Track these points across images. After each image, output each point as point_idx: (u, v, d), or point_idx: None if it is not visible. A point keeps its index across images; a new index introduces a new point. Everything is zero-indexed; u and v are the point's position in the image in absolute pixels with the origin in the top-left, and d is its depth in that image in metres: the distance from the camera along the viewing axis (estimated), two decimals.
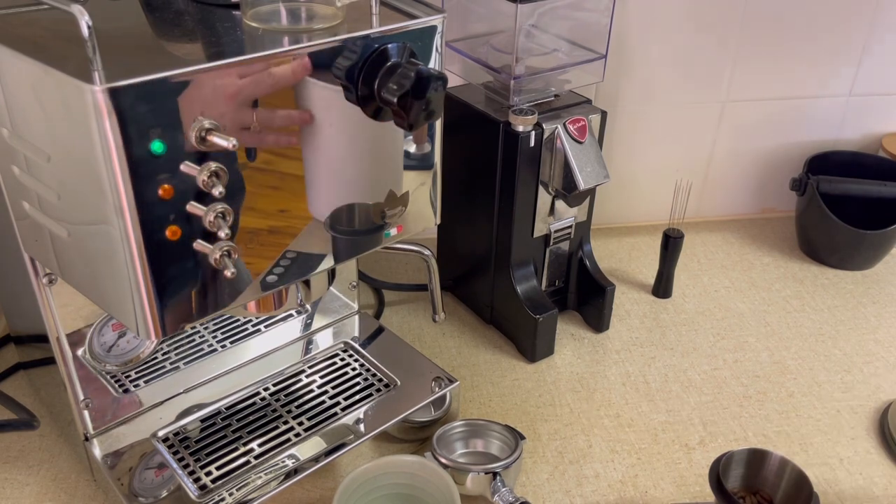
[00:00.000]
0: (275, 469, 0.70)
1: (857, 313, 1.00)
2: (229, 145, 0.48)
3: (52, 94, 0.48)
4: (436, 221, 0.68)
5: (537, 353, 0.91)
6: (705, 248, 1.13)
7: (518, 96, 0.84)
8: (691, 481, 0.76)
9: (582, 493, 0.75)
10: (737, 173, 1.16)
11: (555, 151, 0.83)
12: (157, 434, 0.74)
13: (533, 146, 0.83)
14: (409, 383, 0.80)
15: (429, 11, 0.59)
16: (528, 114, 0.81)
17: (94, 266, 0.54)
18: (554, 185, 0.85)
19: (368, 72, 0.55)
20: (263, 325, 0.84)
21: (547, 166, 0.84)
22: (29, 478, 0.75)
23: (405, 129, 0.56)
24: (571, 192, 0.84)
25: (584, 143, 0.83)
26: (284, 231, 0.57)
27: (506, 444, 0.76)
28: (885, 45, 1.08)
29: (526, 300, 0.89)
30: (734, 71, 1.07)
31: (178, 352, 0.79)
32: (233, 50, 0.51)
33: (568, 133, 0.82)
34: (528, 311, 0.88)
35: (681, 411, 0.84)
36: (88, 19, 0.45)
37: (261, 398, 0.79)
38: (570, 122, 0.83)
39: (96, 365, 0.71)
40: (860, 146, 1.16)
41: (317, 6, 0.56)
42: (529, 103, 0.85)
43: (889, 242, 1.06)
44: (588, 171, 0.83)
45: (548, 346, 0.91)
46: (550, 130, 0.83)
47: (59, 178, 0.52)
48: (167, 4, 0.59)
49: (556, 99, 0.87)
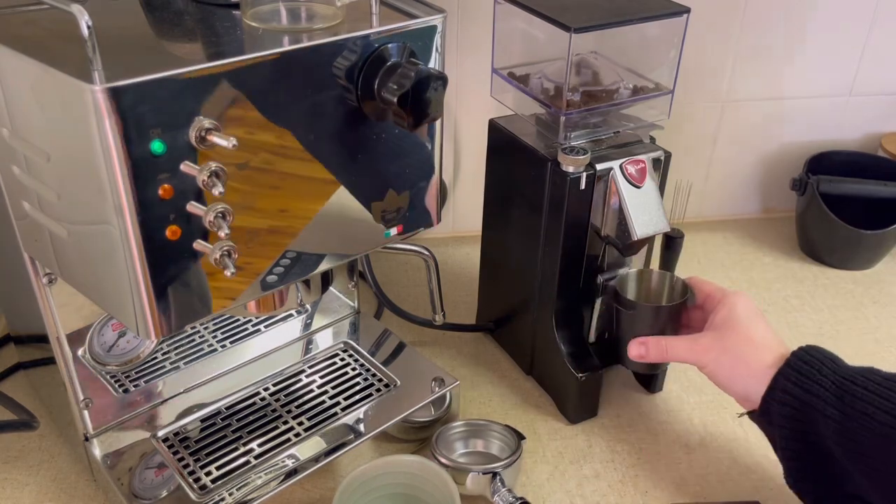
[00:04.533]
0: (275, 469, 0.70)
1: (857, 313, 1.00)
2: (229, 145, 0.48)
3: (51, 94, 0.48)
4: (436, 222, 0.68)
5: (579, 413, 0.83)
6: (705, 248, 1.13)
7: (571, 131, 0.76)
8: (691, 481, 0.76)
9: (582, 493, 0.75)
10: (737, 173, 1.16)
11: (608, 195, 0.75)
12: (157, 434, 0.74)
13: (584, 189, 0.74)
14: (409, 383, 0.80)
15: (429, 11, 0.59)
16: (580, 153, 0.73)
17: (93, 266, 0.54)
18: (605, 231, 0.77)
19: (368, 72, 0.55)
20: (263, 325, 0.84)
21: (599, 211, 0.76)
22: (29, 478, 0.75)
23: (405, 130, 0.56)
24: (625, 241, 0.76)
25: (642, 187, 0.75)
26: (284, 231, 0.57)
27: (506, 444, 0.76)
28: (885, 45, 1.08)
29: (569, 355, 0.81)
30: (734, 71, 1.07)
31: (178, 352, 0.79)
32: (233, 50, 0.51)
33: (625, 176, 0.74)
34: (571, 367, 0.80)
35: (681, 411, 0.84)
36: (88, 19, 0.45)
37: (261, 398, 0.79)
38: (627, 163, 0.75)
39: (96, 365, 0.71)
40: (860, 146, 1.16)
41: (317, 6, 0.56)
42: (584, 140, 0.76)
43: (889, 242, 1.06)
44: (644, 219, 0.75)
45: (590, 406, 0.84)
46: (604, 171, 0.74)
47: (59, 177, 0.52)
48: (167, 4, 0.59)
49: (614, 135, 0.78)
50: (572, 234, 0.77)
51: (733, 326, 0.70)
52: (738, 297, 0.73)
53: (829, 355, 0.66)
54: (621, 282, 0.80)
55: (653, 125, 0.80)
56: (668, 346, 0.74)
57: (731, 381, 0.69)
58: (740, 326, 0.70)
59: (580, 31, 0.70)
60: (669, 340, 0.74)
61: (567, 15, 0.72)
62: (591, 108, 0.77)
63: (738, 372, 0.68)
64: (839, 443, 0.62)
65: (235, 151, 0.51)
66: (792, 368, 0.65)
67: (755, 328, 0.70)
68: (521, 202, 0.81)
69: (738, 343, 0.69)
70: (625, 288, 0.80)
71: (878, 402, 0.60)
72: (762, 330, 0.70)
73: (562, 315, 0.82)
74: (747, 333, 0.69)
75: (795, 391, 0.64)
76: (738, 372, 0.69)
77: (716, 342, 0.70)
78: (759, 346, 0.68)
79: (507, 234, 0.86)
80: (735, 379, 0.69)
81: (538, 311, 0.84)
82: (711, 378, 0.71)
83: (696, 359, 0.71)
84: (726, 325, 0.71)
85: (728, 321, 0.71)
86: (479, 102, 0.99)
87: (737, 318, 0.71)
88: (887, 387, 0.61)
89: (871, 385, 0.61)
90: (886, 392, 0.61)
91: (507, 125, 0.82)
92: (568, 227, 0.76)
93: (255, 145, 0.52)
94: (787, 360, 0.66)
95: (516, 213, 0.83)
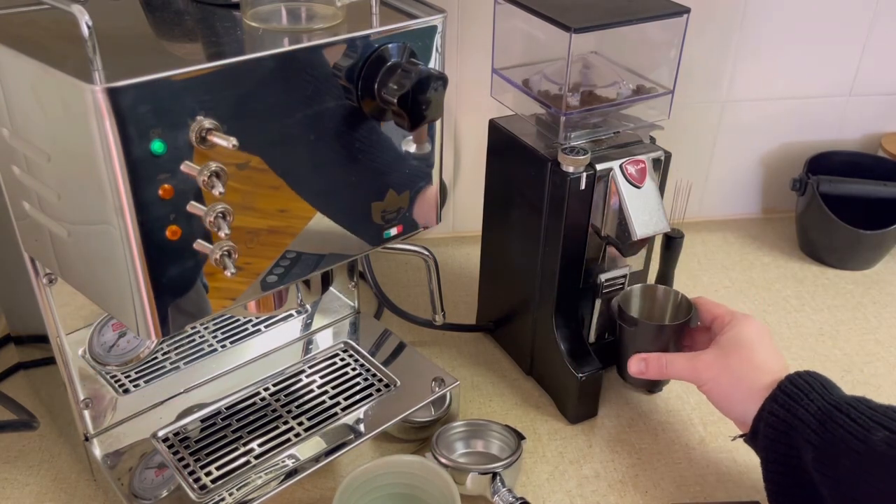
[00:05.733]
0: (275, 469, 0.70)
1: (857, 313, 1.00)
2: (229, 145, 0.48)
3: (52, 94, 0.48)
4: (436, 222, 0.68)
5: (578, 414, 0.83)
6: (705, 248, 1.13)
7: (571, 131, 0.76)
8: (691, 481, 0.76)
9: (582, 493, 0.75)
10: (737, 173, 1.16)
11: (608, 195, 0.75)
12: (157, 434, 0.74)
13: (584, 189, 0.74)
14: (409, 383, 0.80)
15: (429, 11, 0.59)
16: (580, 153, 0.73)
17: (94, 266, 0.54)
18: (606, 231, 0.77)
19: (368, 72, 0.55)
20: (263, 325, 0.84)
21: (599, 211, 0.76)
22: (29, 478, 0.75)
23: (405, 130, 0.56)
24: (625, 241, 0.76)
25: (642, 187, 0.75)
26: (284, 231, 0.57)
27: (506, 444, 0.76)
28: (885, 45, 1.08)
29: (568, 355, 0.81)
30: (734, 71, 1.07)
31: (178, 352, 0.79)
32: (233, 50, 0.51)
33: (625, 176, 0.74)
34: (570, 367, 0.80)
35: (681, 411, 0.84)
36: (88, 19, 0.45)
37: (261, 398, 0.79)
38: (627, 163, 0.75)
39: (96, 365, 0.71)
40: (860, 146, 1.16)
41: (317, 6, 0.56)
42: (584, 140, 0.76)
43: (889, 242, 1.06)
44: (644, 219, 0.75)
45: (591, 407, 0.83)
46: (604, 171, 0.74)
47: (59, 178, 0.52)
48: (167, 4, 0.59)
49: (614, 135, 0.78)
50: (572, 234, 0.77)
51: (736, 347, 0.70)
52: (746, 320, 0.72)
53: (822, 381, 0.65)
54: (625, 298, 0.79)
55: (653, 125, 0.80)
56: (667, 362, 0.74)
57: (728, 401, 0.69)
58: (743, 348, 0.69)
59: (580, 31, 0.70)
60: (669, 357, 0.74)
61: (567, 15, 0.71)
62: (591, 108, 0.77)
63: (736, 393, 0.68)
64: (817, 469, 0.62)
65: (235, 151, 0.51)
66: (782, 392, 0.65)
67: (758, 351, 0.69)
68: (521, 202, 0.81)
69: (740, 364, 0.69)
70: (629, 304, 0.80)
71: (856, 431, 0.60)
72: (764, 353, 0.69)
73: (562, 315, 0.82)
74: (749, 355, 0.69)
75: (782, 414, 0.64)
76: (735, 393, 0.68)
77: (717, 360, 0.70)
78: (760, 368, 0.68)
79: (507, 234, 0.86)
80: (732, 400, 0.69)
81: (538, 311, 0.84)
82: (709, 397, 0.71)
83: (696, 376, 0.71)
84: (730, 344, 0.70)
85: (732, 341, 0.70)
86: (479, 102, 0.99)
87: (741, 340, 0.70)
88: (870, 416, 0.60)
89: (853, 413, 0.61)
90: (867, 422, 0.60)
91: (507, 125, 0.82)
92: (568, 227, 0.76)
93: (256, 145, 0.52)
94: (780, 383, 0.65)
95: (516, 213, 0.83)
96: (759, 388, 0.66)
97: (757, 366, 0.68)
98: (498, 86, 0.83)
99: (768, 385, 0.66)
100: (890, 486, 0.58)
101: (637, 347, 0.77)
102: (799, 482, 0.64)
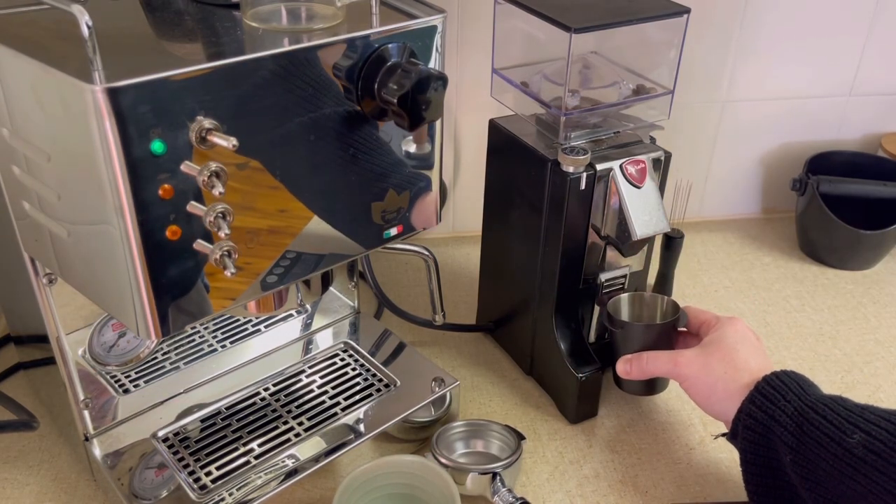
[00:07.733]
0: (275, 469, 0.70)
1: (857, 313, 1.00)
2: (229, 145, 0.48)
3: (51, 94, 0.48)
4: (436, 222, 0.68)
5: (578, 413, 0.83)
6: (705, 248, 1.13)
7: (571, 131, 0.76)
8: (691, 481, 0.76)
9: (582, 493, 0.75)
10: (737, 173, 1.16)
11: (608, 195, 0.75)
12: (157, 434, 0.74)
13: (584, 189, 0.74)
14: (409, 383, 0.80)
15: (429, 11, 0.59)
16: (580, 153, 0.73)
17: (94, 266, 0.54)
18: (606, 231, 0.77)
19: (368, 72, 0.55)
20: (263, 325, 0.84)
21: (599, 211, 0.76)
22: (29, 478, 0.75)
23: (405, 130, 0.56)
24: (625, 241, 0.76)
25: (642, 187, 0.75)
26: (284, 231, 0.57)
27: (506, 444, 0.76)
28: (885, 45, 1.08)
29: (568, 355, 0.81)
30: (734, 71, 1.07)
31: (178, 352, 0.79)
32: (233, 50, 0.51)
33: (625, 176, 0.74)
34: (570, 367, 0.80)
35: (681, 411, 0.84)
36: (88, 19, 0.45)
37: (261, 398, 0.79)
38: (627, 163, 0.74)
39: (96, 365, 0.71)
40: (860, 146, 1.16)
41: (317, 6, 0.56)
42: (584, 140, 0.76)
43: (889, 242, 1.06)
44: (644, 219, 0.75)
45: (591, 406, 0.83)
46: (604, 171, 0.74)
47: (59, 178, 0.52)
48: (167, 4, 0.59)
49: (614, 135, 0.78)
50: (572, 234, 0.77)
51: (718, 347, 0.70)
52: (731, 322, 0.73)
53: (799, 381, 0.65)
54: (614, 305, 0.80)
55: (653, 125, 0.80)
56: (649, 359, 0.74)
57: (708, 400, 0.70)
58: (725, 348, 0.70)
59: (580, 31, 0.70)
60: (652, 354, 0.74)
61: (567, 15, 0.71)
62: (592, 108, 0.77)
63: (716, 392, 0.69)
64: (795, 471, 0.62)
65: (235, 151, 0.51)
66: (759, 392, 0.65)
67: (740, 351, 0.70)
68: (522, 202, 0.81)
69: (720, 363, 0.69)
70: (618, 311, 0.80)
71: (832, 432, 0.60)
72: (746, 353, 0.70)
73: (562, 315, 0.82)
74: (730, 355, 0.69)
75: (759, 415, 0.64)
76: (715, 392, 0.69)
77: (697, 358, 0.71)
78: (739, 368, 0.68)
79: (507, 235, 0.86)
80: (712, 399, 0.69)
81: (538, 311, 0.84)
82: (690, 395, 0.71)
83: (677, 372, 0.72)
84: (712, 344, 0.71)
85: (715, 341, 0.71)
86: (479, 102, 0.99)
87: (723, 340, 0.71)
88: (846, 417, 0.61)
89: (830, 415, 0.61)
90: (843, 424, 0.60)
91: (507, 125, 0.82)
92: (568, 227, 0.76)
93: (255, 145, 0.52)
94: (757, 383, 0.66)
95: (516, 213, 0.83)
96: (738, 387, 0.67)
97: (736, 365, 0.69)
98: (498, 86, 0.83)
99: (747, 384, 0.67)
100: (869, 490, 0.58)
101: (626, 350, 0.77)
102: (779, 483, 0.64)
